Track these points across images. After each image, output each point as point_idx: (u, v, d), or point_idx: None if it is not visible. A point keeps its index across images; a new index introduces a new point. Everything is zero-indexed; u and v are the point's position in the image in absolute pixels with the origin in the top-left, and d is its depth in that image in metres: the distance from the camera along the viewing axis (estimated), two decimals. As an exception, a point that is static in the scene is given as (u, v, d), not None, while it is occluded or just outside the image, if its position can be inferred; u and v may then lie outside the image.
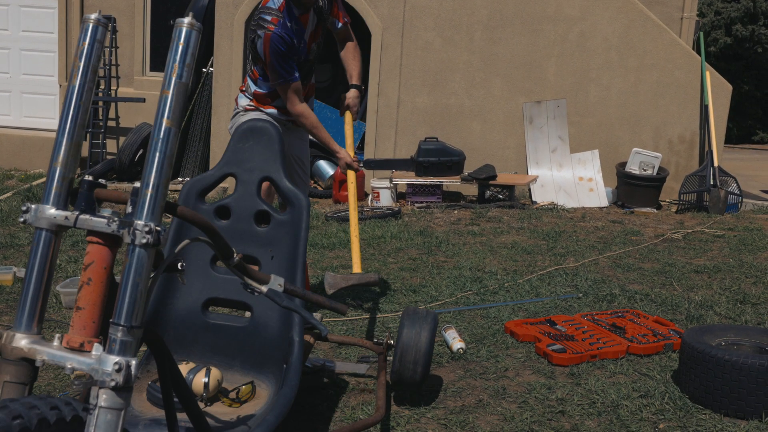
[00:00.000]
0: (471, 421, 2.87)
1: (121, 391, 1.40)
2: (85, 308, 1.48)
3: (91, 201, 1.55)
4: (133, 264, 1.42)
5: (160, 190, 1.45)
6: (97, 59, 1.62)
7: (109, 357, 1.40)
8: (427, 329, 2.91)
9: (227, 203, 2.65)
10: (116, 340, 1.41)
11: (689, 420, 2.91)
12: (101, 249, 1.50)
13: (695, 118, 8.48)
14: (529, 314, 4.20)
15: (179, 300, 2.59)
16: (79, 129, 1.59)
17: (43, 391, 2.94)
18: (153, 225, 1.43)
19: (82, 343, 1.45)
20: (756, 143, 24.88)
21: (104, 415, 1.38)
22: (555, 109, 8.40)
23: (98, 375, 1.39)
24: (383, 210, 7.29)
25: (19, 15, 9.68)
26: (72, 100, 1.60)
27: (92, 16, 1.60)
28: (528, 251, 5.74)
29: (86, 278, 1.49)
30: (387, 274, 4.97)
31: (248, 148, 2.67)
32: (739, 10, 24.33)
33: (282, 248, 2.60)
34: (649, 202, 8.05)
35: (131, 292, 1.41)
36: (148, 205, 1.43)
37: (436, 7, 8.44)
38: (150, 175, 1.44)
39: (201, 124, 8.71)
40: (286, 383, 2.31)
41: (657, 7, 9.23)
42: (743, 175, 10.82)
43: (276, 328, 2.54)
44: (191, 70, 1.49)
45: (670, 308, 4.36)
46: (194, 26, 1.47)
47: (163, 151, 1.45)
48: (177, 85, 1.46)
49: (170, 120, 1.46)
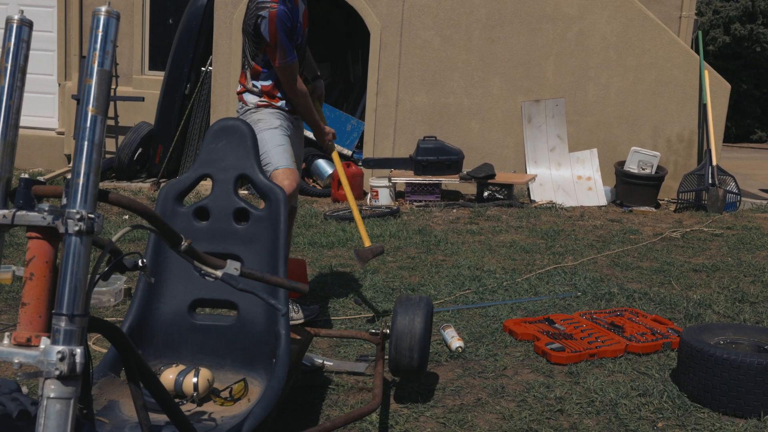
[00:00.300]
0: (470, 419, 2.87)
1: (67, 380, 1.41)
2: (30, 303, 1.49)
3: (29, 198, 1.56)
4: (70, 252, 1.43)
5: (91, 177, 1.46)
6: (24, 59, 1.63)
7: (53, 347, 1.40)
8: (420, 315, 2.90)
9: (205, 204, 2.66)
10: (59, 330, 1.41)
11: (688, 419, 2.91)
12: (41, 243, 1.51)
13: (694, 117, 8.49)
14: (528, 313, 4.21)
15: (165, 304, 2.60)
16: (12, 129, 1.62)
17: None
18: (85, 212, 1.44)
19: (29, 338, 1.46)
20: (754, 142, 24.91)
21: (53, 405, 1.39)
22: (554, 108, 8.41)
23: (44, 366, 1.40)
24: (382, 209, 7.29)
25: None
26: (2, 102, 1.62)
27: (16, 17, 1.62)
28: (527, 250, 5.74)
29: (28, 274, 1.50)
30: (386, 273, 4.98)
31: (221, 147, 2.69)
32: (737, 9, 24.34)
33: (263, 243, 2.61)
34: (648, 200, 8.06)
35: (70, 280, 1.42)
36: (80, 193, 1.45)
37: (435, 6, 8.44)
38: (80, 163, 1.46)
39: (200, 123, 8.71)
40: (273, 375, 2.33)
41: (655, 6, 9.24)
42: (742, 173, 10.83)
43: (262, 324, 2.56)
44: (112, 57, 1.50)
45: (668, 307, 4.36)
46: (111, 14, 1.49)
47: (91, 139, 1.46)
48: (99, 73, 1.48)
49: (95, 108, 1.47)
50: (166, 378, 2.35)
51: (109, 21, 1.49)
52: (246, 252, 2.61)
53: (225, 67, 8.51)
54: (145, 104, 9.14)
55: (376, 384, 2.73)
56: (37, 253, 1.51)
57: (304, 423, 2.81)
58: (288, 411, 2.89)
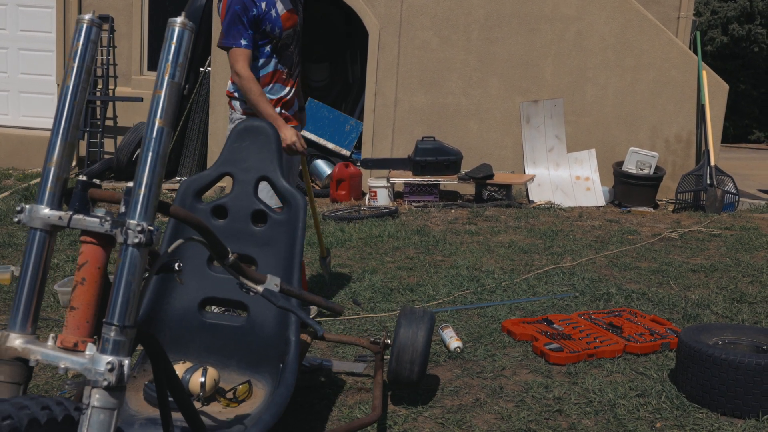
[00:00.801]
0: (468, 420, 2.88)
1: (113, 390, 1.40)
2: (79, 308, 1.49)
3: (85, 201, 1.55)
4: (126, 263, 1.42)
5: (153, 189, 1.45)
6: (91, 60, 1.62)
7: (101, 357, 1.40)
8: (423, 329, 2.92)
9: (224, 203, 2.65)
10: (109, 339, 1.41)
11: (686, 419, 2.91)
12: (95, 249, 1.51)
13: (692, 118, 8.50)
14: (526, 313, 4.21)
15: (176, 300, 2.59)
16: (73, 129, 1.59)
17: (41, 391, 2.94)
18: (145, 224, 1.43)
19: (76, 343, 1.45)
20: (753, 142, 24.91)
21: (97, 415, 1.38)
22: (552, 108, 8.41)
23: (91, 375, 1.39)
24: (380, 209, 7.29)
25: (17, 14, 9.67)
26: (66, 101, 1.60)
27: (86, 17, 1.60)
28: (525, 250, 5.74)
29: (80, 278, 1.49)
30: (384, 274, 4.98)
31: (245, 147, 2.68)
32: (735, 9, 24.36)
33: (279, 247, 2.60)
34: (646, 201, 8.07)
35: (124, 291, 1.41)
36: (140, 205, 1.44)
37: (434, 7, 8.45)
38: (143, 174, 1.44)
39: (198, 124, 8.71)
40: (282, 382, 2.32)
41: (654, 6, 9.25)
42: (740, 174, 10.84)
43: (272, 327, 2.55)
44: (184, 69, 1.48)
45: (666, 307, 4.37)
46: (186, 26, 1.47)
47: (156, 150, 1.45)
48: (170, 85, 1.47)
49: (163, 120, 1.46)
50: None
51: (183, 33, 1.47)
52: (261, 254, 2.60)
53: (224, 68, 8.51)
54: (143, 105, 9.14)
55: (375, 395, 2.73)
56: (91, 258, 1.50)
57: (302, 423, 2.81)
58: (287, 412, 2.90)
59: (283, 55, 3.69)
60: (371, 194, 7.89)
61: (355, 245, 5.80)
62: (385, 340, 3.05)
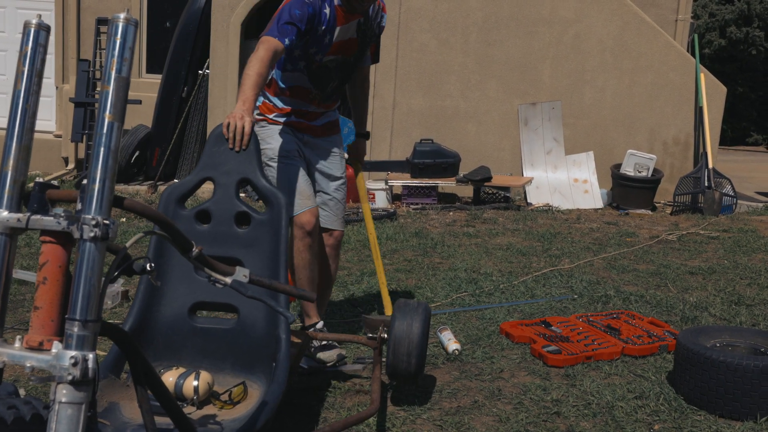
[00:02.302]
0: (466, 422, 2.88)
1: (79, 385, 1.41)
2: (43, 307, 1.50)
3: (43, 202, 1.57)
4: (84, 258, 1.44)
5: (107, 183, 1.47)
6: (41, 63, 1.64)
7: (65, 352, 1.41)
8: (419, 320, 2.92)
9: (207, 207, 2.67)
10: (72, 335, 1.42)
11: (684, 421, 2.92)
12: (54, 248, 1.52)
13: (690, 120, 8.51)
14: (525, 315, 4.21)
15: (165, 306, 2.61)
16: (27, 132, 1.62)
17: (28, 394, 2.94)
18: (100, 218, 1.45)
19: (42, 342, 1.47)
20: (750, 145, 24.96)
21: (65, 410, 1.40)
22: (550, 110, 8.42)
23: (56, 371, 1.41)
24: (379, 211, 7.30)
25: (16, 17, 9.68)
26: (19, 105, 1.62)
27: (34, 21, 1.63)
28: (523, 253, 5.75)
29: (42, 278, 1.51)
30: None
31: (223, 151, 2.69)
32: (733, 12, 24.41)
33: (264, 248, 2.62)
34: (644, 203, 8.07)
35: (84, 285, 1.43)
36: (95, 200, 1.46)
37: (432, 9, 8.46)
38: (96, 169, 1.46)
39: (197, 126, 8.72)
40: (275, 380, 2.34)
41: (651, 9, 9.26)
42: (738, 176, 10.85)
43: (263, 327, 2.56)
44: (130, 64, 1.51)
45: (664, 309, 4.37)
46: (130, 21, 1.49)
47: (107, 145, 1.47)
48: (117, 80, 1.49)
49: (112, 114, 1.48)
50: (166, 380, 2.36)
51: (127, 28, 1.50)
52: (247, 256, 2.62)
53: (222, 70, 8.51)
54: (142, 107, 9.13)
55: (374, 389, 2.74)
56: (51, 257, 1.51)
57: (302, 425, 2.81)
58: (286, 413, 2.90)
59: (318, 75, 3.36)
60: (369, 196, 7.90)
61: (354, 247, 5.80)
62: (382, 335, 3.05)
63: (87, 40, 9.46)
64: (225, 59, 8.52)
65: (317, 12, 3.13)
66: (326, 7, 3.17)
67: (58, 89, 9.65)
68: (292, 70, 3.31)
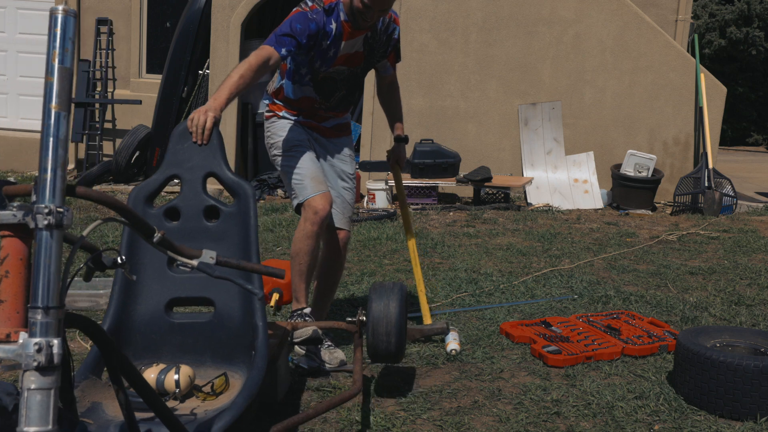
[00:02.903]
0: (466, 422, 2.88)
1: (46, 370, 1.43)
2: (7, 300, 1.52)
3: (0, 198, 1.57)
4: (42, 246, 1.47)
5: (58, 172, 1.49)
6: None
7: (30, 340, 1.44)
8: (395, 299, 2.96)
9: (175, 204, 2.69)
10: (36, 322, 1.45)
11: (684, 421, 2.92)
12: (13, 241, 1.54)
13: (690, 120, 8.51)
14: (525, 316, 4.21)
15: (141, 305, 2.62)
16: None
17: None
18: (53, 206, 1.47)
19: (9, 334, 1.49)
20: (750, 145, 24.96)
21: (34, 396, 1.42)
22: (550, 111, 8.42)
23: (22, 359, 1.43)
24: (379, 212, 7.30)
25: (16, 17, 9.68)
26: None
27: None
28: (523, 253, 5.75)
29: (4, 271, 1.53)
30: (382, 276, 4.98)
31: (187, 148, 2.72)
32: (733, 12, 24.41)
33: (233, 240, 2.64)
34: (644, 203, 8.07)
35: (43, 273, 1.45)
36: (48, 189, 1.48)
37: (432, 10, 8.46)
38: (46, 159, 1.49)
39: (197, 126, 8.70)
40: (254, 367, 2.36)
41: (651, 9, 9.27)
42: (738, 176, 10.86)
43: (239, 318, 2.59)
44: (71, 54, 1.55)
45: (665, 310, 4.37)
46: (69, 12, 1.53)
47: (55, 135, 1.50)
48: (60, 71, 1.52)
49: (58, 104, 1.51)
50: (147, 377, 2.37)
51: (66, 19, 1.54)
52: (218, 248, 2.63)
53: (222, 70, 8.51)
54: (142, 107, 9.14)
55: (355, 370, 2.78)
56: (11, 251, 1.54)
57: (300, 425, 2.81)
58: (285, 413, 2.90)
59: (323, 86, 3.40)
60: (369, 197, 7.90)
61: (353, 248, 5.80)
62: (360, 317, 3.07)
63: (87, 41, 9.47)
64: (225, 59, 8.52)
65: (321, 28, 3.19)
66: (332, 22, 3.22)
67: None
68: (300, 82, 3.39)
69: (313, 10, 3.19)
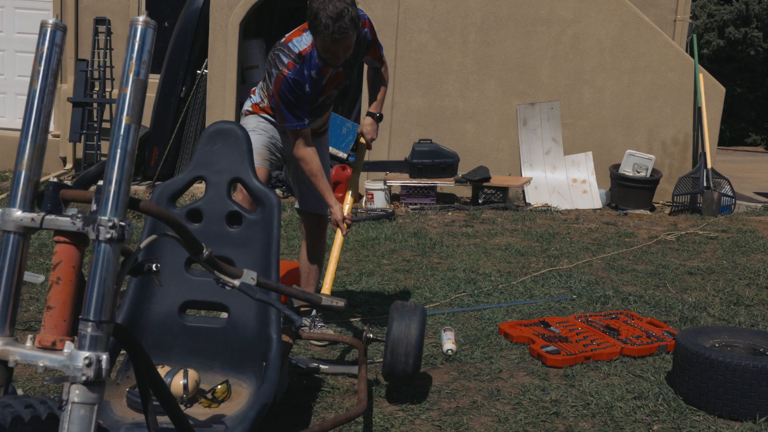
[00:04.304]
0: (465, 422, 2.87)
1: (93, 385, 1.41)
2: (56, 307, 1.50)
3: (57, 202, 1.57)
4: (99, 259, 1.44)
5: (123, 185, 1.47)
6: (57, 63, 1.64)
7: (79, 353, 1.41)
8: (416, 321, 2.95)
9: (198, 206, 2.67)
10: (86, 335, 1.42)
11: (683, 421, 2.91)
12: (68, 248, 1.52)
13: (688, 120, 8.51)
14: (523, 316, 4.21)
15: (156, 305, 2.60)
16: (42, 132, 1.62)
17: (37, 393, 2.93)
18: (116, 220, 1.45)
19: (54, 342, 1.47)
20: (749, 145, 24.98)
21: (77, 410, 1.40)
22: (549, 111, 8.42)
23: (69, 371, 1.41)
24: (377, 212, 7.29)
25: (14, 17, 9.66)
26: (34, 104, 1.63)
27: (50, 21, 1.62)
28: (522, 253, 5.75)
29: (55, 278, 1.51)
30: (381, 276, 4.97)
31: (216, 150, 2.69)
32: (732, 12, 24.41)
33: (255, 247, 2.63)
34: (643, 203, 8.07)
35: (99, 287, 1.43)
36: (111, 201, 1.46)
37: (430, 9, 8.45)
38: (112, 171, 1.46)
39: (195, 126, 8.70)
40: (265, 380, 2.34)
41: (650, 9, 9.27)
42: (736, 177, 10.86)
43: (253, 327, 2.57)
44: (148, 67, 1.52)
45: (663, 310, 4.37)
46: (149, 24, 1.50)
47: (124, 147, 1.47)
48: (135, 83, 1.49)
49: (130, 117, 1.49)
50: None
51: (146, 31, 1.50)
52: (238, 255, 2.61)
53: (220, 70, 8.50)
54: (140, 107, 9.12)
55: (360, 388, 2.75)
56: (65, 257, 1.51)
57: (298, 425, 2.81)
58: (284, 413, 2.89)
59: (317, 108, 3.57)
60: (368, 197, 7.89)
61: (352, 247, 5.79)
62: (367, 335, 3.06)
63: (85, 40, 9.45)
64: (223, 59, 8.51)
65: (304, 82, 3.33)
66: (308, 69, 3.34)
67: (56, 90, 9.64)
68: None
69: (292, 70, 3.28)
